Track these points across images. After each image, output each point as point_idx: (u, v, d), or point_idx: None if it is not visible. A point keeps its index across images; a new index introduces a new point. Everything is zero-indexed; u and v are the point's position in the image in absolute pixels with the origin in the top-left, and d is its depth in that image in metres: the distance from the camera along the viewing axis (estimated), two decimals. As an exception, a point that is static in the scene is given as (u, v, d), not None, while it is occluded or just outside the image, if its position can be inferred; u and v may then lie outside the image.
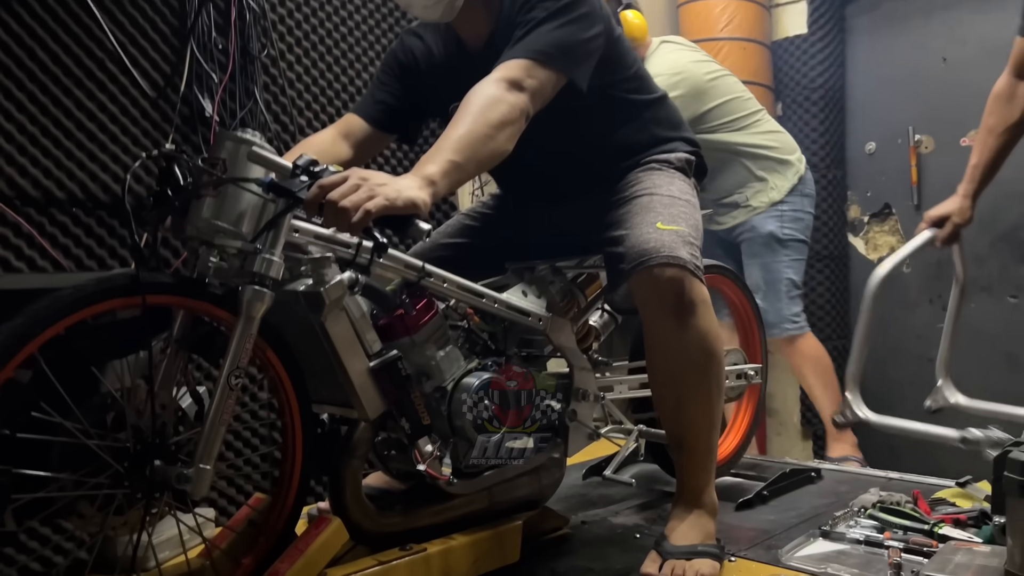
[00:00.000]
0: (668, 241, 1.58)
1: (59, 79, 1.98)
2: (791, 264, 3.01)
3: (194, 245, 1.37)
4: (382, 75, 1.85)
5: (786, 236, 2.98)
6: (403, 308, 1.53)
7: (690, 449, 1.68)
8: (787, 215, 2.98)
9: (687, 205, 1.72)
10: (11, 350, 1.11)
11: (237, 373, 1.28)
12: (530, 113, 1.52)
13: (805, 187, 3.03)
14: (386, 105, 1.82)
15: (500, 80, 1.50)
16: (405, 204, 1.26)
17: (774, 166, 3.00)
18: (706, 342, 1.61)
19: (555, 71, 1.56)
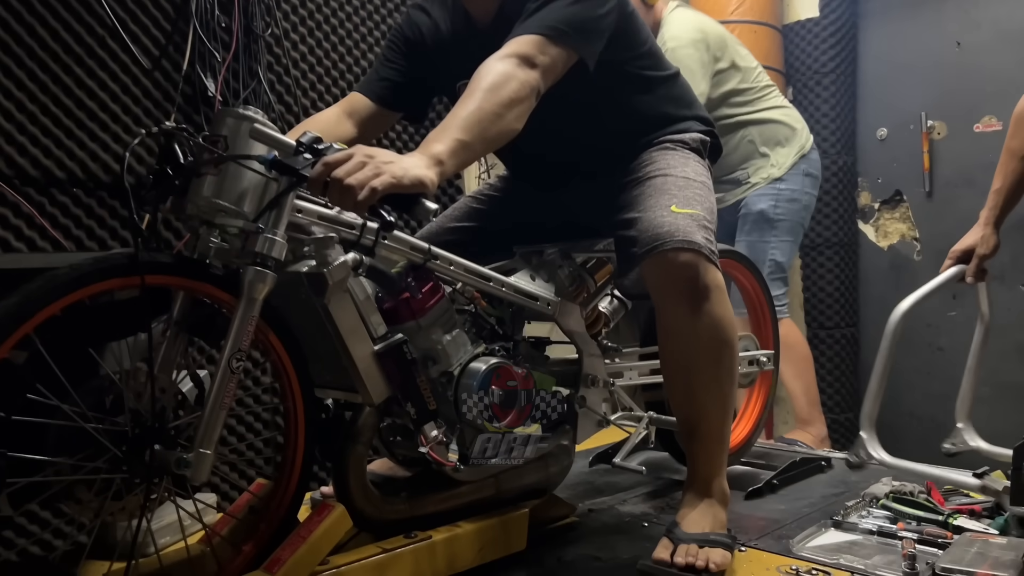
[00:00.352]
0: (683, 225, 1.54)
1: (59, 56, 1.95)
2: (779, 245, 2.93)
3: (195, 225, 1.34)
4: (388, 52, 1.81)
5: (778, 216, 2.91)
6: (409, 291, 1.50)
7: (702, 437, 1.65)
8: (783, 194, 2.91)
9: (702, 187, 1.68)
10: (6, 330, 1.08)
11: (239, 356, 1.25)
12: (541, 91, 1.48)
13: (809, 167, 2.95)
14: (391, 83, 1.78)
15: (510, 56, 1.45)
16: (412, 183, 1.22)
17: (778, 142, 2.92)
18: (720, 329, 1.58)
19: (567, 48, 1.52)
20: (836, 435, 3.53)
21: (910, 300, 1.94)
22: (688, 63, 2.71)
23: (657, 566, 1.49)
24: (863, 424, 1.91)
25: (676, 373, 1.65)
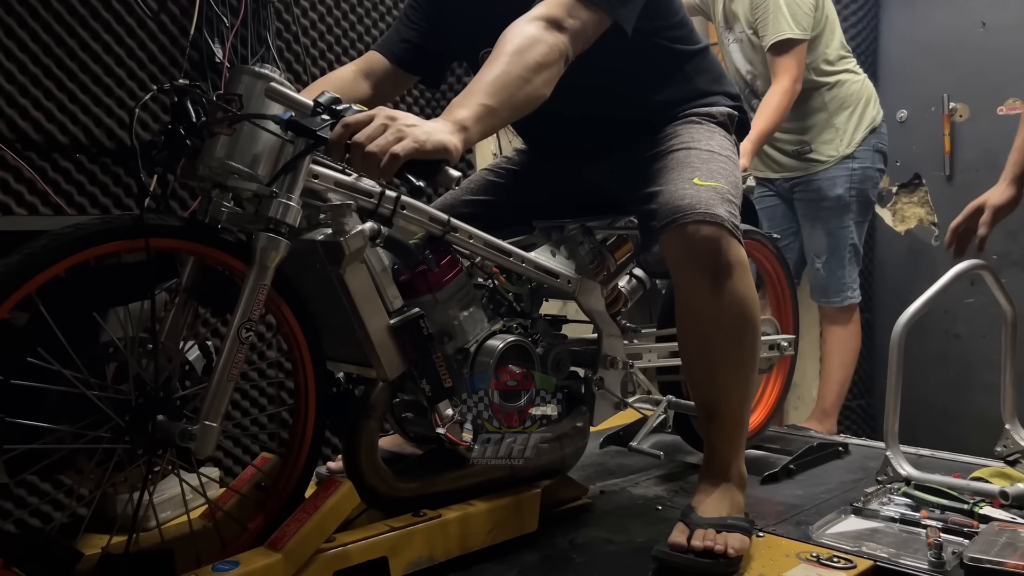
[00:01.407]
0: (705, 198, 1.47)
1: (63, 17, 1.89)
2: (856, 229, 2.82)
3: (206, 187, 1.28)
4: (409, 10, 1.75)
5: (853, 198, 2.78)
6: (426, 264, 1.44)
7: (721, 419, 1.60)
8: (856, 174, 2.77)
9: (727, 161, 1.62)
10: (6, 289, 1.03)
11: (248, 326, 1.20)
12: (570, 56, 1.41)
13: (879, 140, 2.81)
14: (411, 44, 1.72)
15: (538, 19, 1.38)
16: (435, 148, 1.16)
17: (850, 112, 2.77)
18: (743, 308, 1.52)
19: (599, 11, 1.44)
20: (849, 421, 3.50)
21: (913, 309, 1.86)
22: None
23: (674, 551, 1.44)
24: (888, 441, 1.85)
25: (695, 353, 1.59)
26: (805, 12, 2.60)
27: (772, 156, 2.88)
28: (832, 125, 2.77)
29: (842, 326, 2.91)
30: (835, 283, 2.85)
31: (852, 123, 2.77)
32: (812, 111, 2.77)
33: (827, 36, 2.74)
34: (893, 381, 1.85)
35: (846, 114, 2.77)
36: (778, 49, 2.60)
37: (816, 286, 2.92)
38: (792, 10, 2.58)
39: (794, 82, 2.59)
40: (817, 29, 2.70)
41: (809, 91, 2.75)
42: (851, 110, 2.77)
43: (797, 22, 2.58)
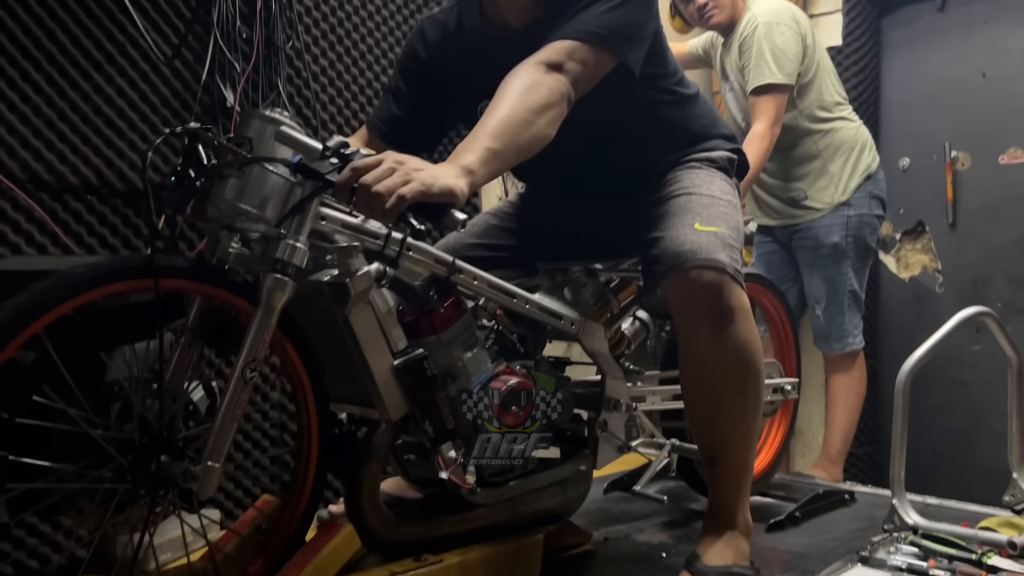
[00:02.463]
0: (706, 243, 1.49)
1: (78, 62, 1.93)
2: (854, 274, 2.82)
3: (215, 229, 1.30)
4: (399, 79, 1.73)
5: (850, 244, 2.78)
6: (431, 305, 1.45)
7: (724, 465, 1.59)
8: (852, 221, 2.78)
9: (728, 206, 1.63)
10: (15, 328, 1.04)
11: (253, 366, 1.21)
12: (572, 97, 1.43)
13: (875, 187, 2.82)
14: (401, 119, 1.71)
15: (538, 63, 1.40)
16: (441, 191, 1.18)
17: (844, 159, 2.78)
18: (745, 353, 1.52)
19: (604, 53, 1.46)
20: (856, 469, 3.46)
21: (917, 355, 1.85)
22: (783, 42, 2.63)
23: None
24: (894, 489, 1.83)
25: (699, 398, 1.59)
26: (790, 59, 2.64)
27: (769, 203, 2.91)
28: (827, 172, 2.79)
29: (846, 372, 2.90)
30: (835, 329, 2.85)
31: (847, 170, 2.79)
32: (807, 158, 2.80)
33: (819, 83, 2.77)
34: (898, 428, 1.84)
35: (840, 161, 2.79)
36: (758, 92, 2.65)
37: (818, 333, 2.91)
38: (776, 56, 2.63)
39: (771, 125, 2.62)
40: (807, 76, 2.74)
41: (803, 138, 2.78)
42: (845, 157, 2.79)
43: (780, 67, 2.63)
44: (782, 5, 2.77)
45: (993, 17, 3.31)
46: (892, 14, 3.61)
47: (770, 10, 2.69)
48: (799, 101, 2.75)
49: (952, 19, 3.43)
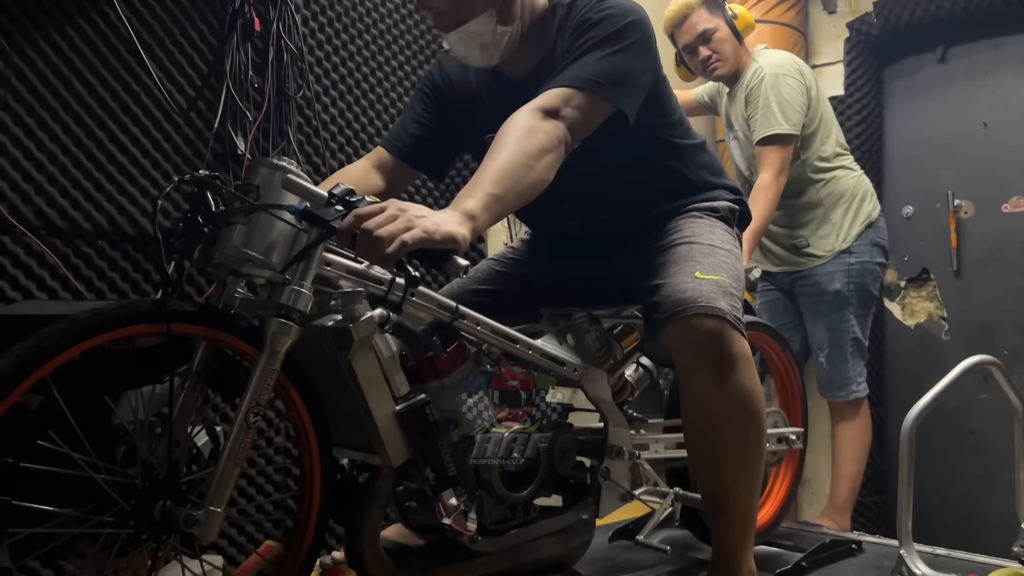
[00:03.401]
0: (707, 291, 1.50)
1: (94, 111, 1.97)
2: (857, 322, 2.82)
3: (221, 275, 1.32)
4: (416, 104, 1.80)
5: (851, 292, 2.79)
6: (434, 350, 1.46)
7: (728, 513, 1.58)
8: (854, 268, 2.78)
9: (728, 255, 1.65)
10: (21, 373, 1.05)
11: (256, 410, 1.21)
12: (569, 142, 1.46)
13: (876, 235, 2.83)
14: (417, 139, 1.77)
15: (536, 109, 1.44)
16: (443, 238, 1.20)
17: (846, 208, 2.80)
18: (747, 400, 1.52)
19: (599, 99, 1.49)
20: (864, 518, 3.41)
21: (922, 404, 1.84)
22: (789, 93, 2.67)
23: None
24: (902, 539, 1.81)
25: (701, 445, 1.59)
26: (796, 109, 2.68)
27: (772, 250, 2.92)
28: (828, 220, 2.81)
29: (850, 420, 2.88)
30: (839, 377, 2.84)
31: (848, 218, 2.81)
32: (808, 207, 2.82)
33: (822, 134, 2.81)
34: (905, 477, 1.83)
35: (842, 210, 2.81)
36: (764, 142, 2.68)
37: (821, 380, 2.91)
38: (783, 107, 2.67)
39: (777, 175, 2.65)
40: (812, 127, 2.77)
41: (806, 187, 2.81)
42: (847, 206, 2.81)
43: (787, 118, 2.66)
44: (787, 56, 2.82)
45: (994, 68, 3.36)
46: (893, 65, 3.67)
47: (776, 62, 2.74)
48: (802, 151, 2.78)
49: (953, 70, 3.48)
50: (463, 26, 1.55)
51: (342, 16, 2.47)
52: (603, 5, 1.57)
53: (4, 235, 1.82)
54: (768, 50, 2.85)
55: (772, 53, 2.82)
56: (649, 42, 1.57)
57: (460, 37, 1.57)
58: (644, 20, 1.57)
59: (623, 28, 1.52)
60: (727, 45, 2.75)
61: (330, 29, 2.44)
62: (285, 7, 2.27)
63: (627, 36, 1.52)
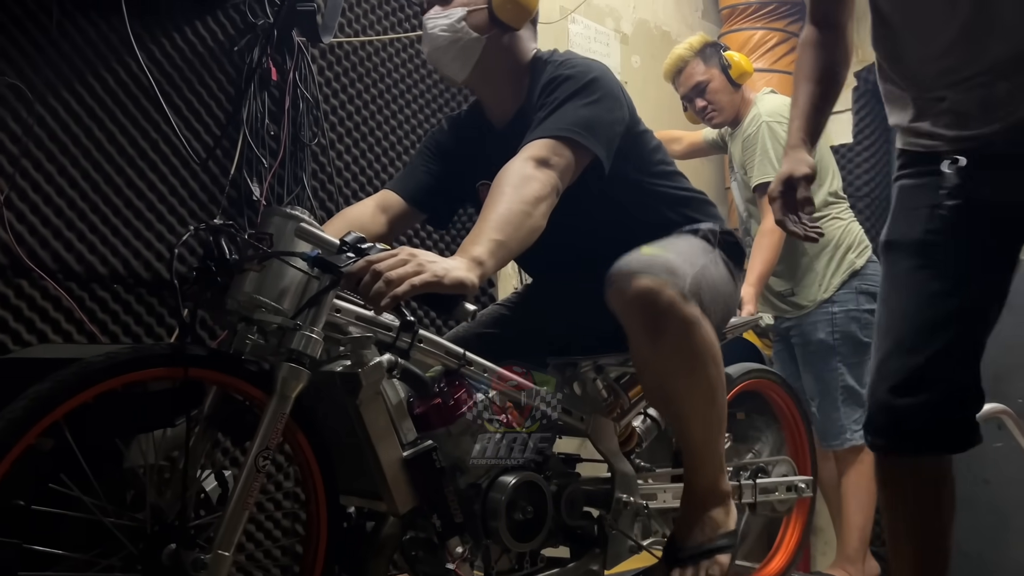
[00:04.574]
0: (645, 259, 1.56)
1: (112, 157, 2.01)
2: (847, 369, 2.79)
3: (233, 321, 1.34)
4: (421, 155, 1.89)
5: (837, 341, 2.78)
6: (441, 397, 1.47)
7: (692, 452, 1.65)
8: (838, 318, 2.78)
9: (687, 246, 1.69)
10: (35, 416, 1.06)
11: (266, 454, 1.22)
12: (560, 189, 1.53)
13: (863, 282, 2.79)
14: (423, 184, 1.84)
15: (528, 159, 1.52)
16: (452, 283, 1.24)
17: (828, 258, 2.79)
18: (689, 356, 1.55)
19: (579, 148, 1.57)
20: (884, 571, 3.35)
21: None
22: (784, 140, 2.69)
23: None
24: None
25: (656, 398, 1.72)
26: None
27: (766, 298, 2.93)
28: (812, 269, 2.81)
29: (852, 469, 2.84)
30: (831, 426, 2.81)
31: (831, 268, 2.80)
32: (796, 255, 2.83)
33: (815, 182, 2.82)
34: None
35: (825, 259, 2.80)
36: (762, 190, 2.69)
37: (817, 429, 2.87)
38: (778, 153, 2.68)
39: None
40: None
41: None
42: (830, 256, 2.80)
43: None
44: (785, 102, 2.83)
45: (1001, 118, 3.38)
46: (901, 114, 3.70)
47: (773, 109, 2.77)
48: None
49: (960, 119, 3.50)
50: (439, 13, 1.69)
51: (357, 66, 2.53)
52: (571, 62, 1.69)
53: (21, 279, 1.85)
54: (770, 95, 2.88)
55: (772, 99, 2.85)
56: (615, 94, 1.67)
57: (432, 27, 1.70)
58: (607, 74, 1.68)
59: (591, 82, 1.63)
60: (722, 96, 2.81)
61: (345, 79, 2.49)
62: (302, 57, 2.33)
63: (596, 90, 1.62)
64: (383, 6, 2.60)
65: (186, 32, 2.15)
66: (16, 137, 1.84)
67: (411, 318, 1.28)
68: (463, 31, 1.68)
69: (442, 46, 1.70)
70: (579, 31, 3.15)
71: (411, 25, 2.68)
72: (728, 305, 1.79)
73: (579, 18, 3.16)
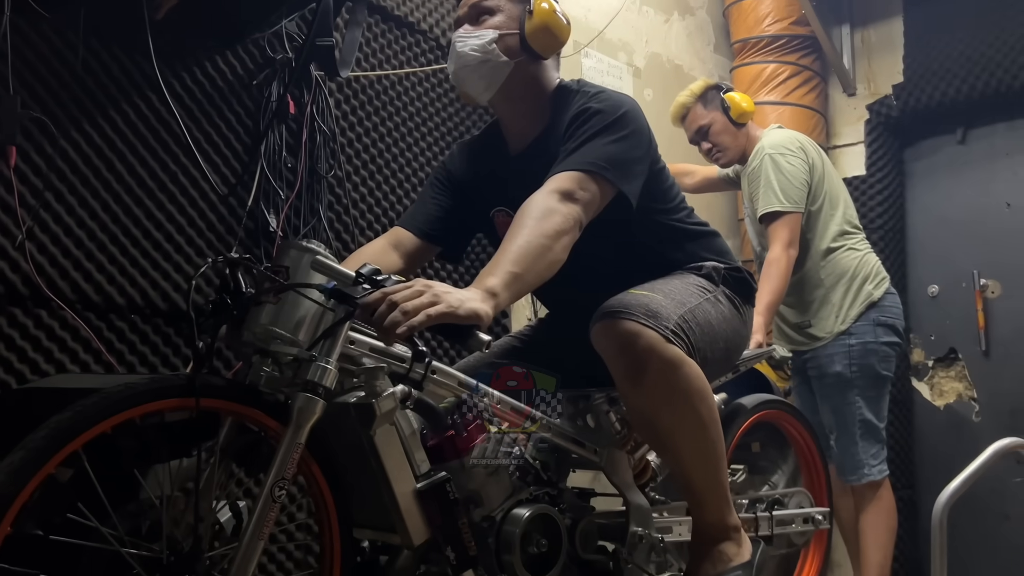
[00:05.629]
0: (629, 300, 1.56)
1: (132, 189, 2.03)
2: (865, 403, 2.77)
3: (248, 352, 1.35)
4: (431, 187, 1.90)
5: (855, 373, 2.76)
6: (454, 428, 1.47)
7: (694, 490, 1.63)
8: (855, 350, 2.76)
9: (681, 285, 1.69)
10: (56, 445, 1.07)
11: (281, 484, 1.23)
12: (583, 223, 1.53)
13: (881, 314, 2.80)
14: (433, 217, 1.85)
15: (553, 192, 1.52)
16: (467, 314, 1.25)
17: (845, 289, 2.79)
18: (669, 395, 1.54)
19: (606, 184, 1.58)
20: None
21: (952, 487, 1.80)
22: (789, 170, 2.71)
23: None
24: None
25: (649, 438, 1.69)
26: (796, 187, 2.72)
27: (781, 329, 2.92)
28: (829, 301, 2.81)
29: (870, 504, 2.80)
30: (849, 460, 2.78)
31: (848, 299, 2.79)
32: (811, 286, 2.83)
33: (827, 213, 2.83)
34: (938, 564, 1.79)
35: (841, 290, 2.80)
36: (767, 220, 2.73)
37: (835, 464, 2.85)
38: (782, 185, 2.71)
39: (785, 247, 2.68)
40: (815, 205, 2.80)
41: (809, 267, 2.82)
42: (847, 287, 2.80)
43: (787, 196, 2.70)
44: (790, 135, 2.87)
45: (1015, 149, 3.39)
46: (913, 146, 3.71)
47: (776, 141, 2.80)
48: (807, 231, 2.80)
49: (973, 151, 3.51)
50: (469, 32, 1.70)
51: (373, 99, 2.56)
52: (603, 96, 1.68)
53: (41, 308, 1.87)
54: (777, 130, 2.91)
55: (776, 133, 2.87)
56: (644, 131, 1.67)
57: (462, 46, 1.70)
58: (637, 111, 1.68)
59: (621, 117, 1.63)
60: (724, 137, 2.85)
61: (361, 112, 2.53)
62: (319, 91, 2.37)
63: (625, 126, 1.62)
64: (399, 41, 2.64)
65: (206, 67, 2.19)
66: (39, 170, 1.87)
67: (424, 349, 1.28)
68: (493, 53, 1.69)
69: (470, 65, 1.70)
70: (592, 65, 3.19)
71: (426, 60, 2.72)
72: (731, 341, 1.78)
73: (592, 52, 3.20)
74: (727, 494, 1.65)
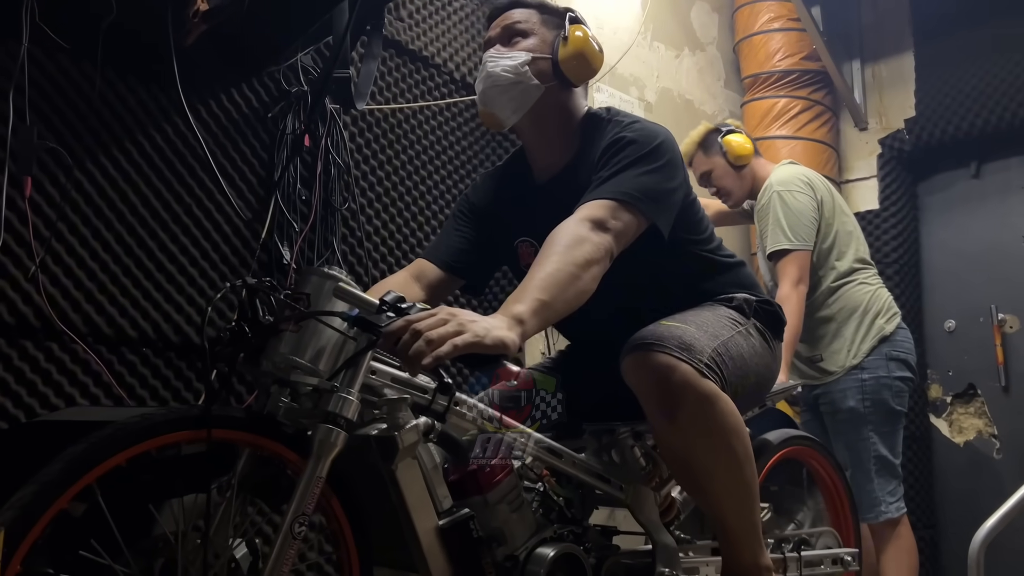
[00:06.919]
0: (662, 332, 1.52)
1: (146, 221, 2.02)
2: (879, 439, 2.71)
3: (266, 382, 1.31)
4: (454, 219, 1.86)
5: (868, 409, 2.70)
6: (477, 462, 1.43)
7: (727, 530, 1.59)
8: (868, 385, 2.71)
9: (713, 317, 1.65)
10: (70, 478, 1.04)
11: (302, 520, 1.18)
12: (614, 253, 1.49)
13: (893, 349, 2.75)
14: (457, 249, 1.81)
15: (584, 220, 1.48)
16: (493, 343, 1.21)
17: (857, 323, 2.76)
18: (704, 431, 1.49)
19: (639, 214, 1.54)
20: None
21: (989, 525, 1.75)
22: (796, 207, 2.70)
23: None
24: None
25: (681, 477, 1.63)
26: (805, 224, 2.70)
27: (793, 363, 2.88)
28: (840, 335, 2.77)
29: (890, 543, 2.72)
30: (866, 498, 2.70)
31: (860, 333, 2.76)
32: (822, 321, 2.80)
33: (839, 248, 2.80)
34: None
35: (853, 325, 2.76)
36: (775, 257, 2.72)
37: None
38: (790, 222, 2.70)
39: (794, 285, 2.66)
40: (826, 242, 2.78)
41: (820, 301, 2.79)
42: (858, 321, 2.76)
43: (795, 234, 2.69)
44: (798, 172, 2.85)
45: (1030, 183, 3.38)
46: (927, 180, 3.70)
47: (783, 178, 2.79)
48: (818, 266, 2.78)
49: (987, 185, 3.50)
50: (502, 52, 1.67)
51: (388, 132, 2.56)
52: (637, 125, 1.65)
53: (52, 342, 1.84)
54: (786, 166, 2.90)
55: (784, 169, 2.86)
56: (678, 162, 1.64)
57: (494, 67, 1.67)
58: (672, 142, 1.65)
59: (656, 148, 1.60)
60: (726, 180, 2.86)
61: (376, 145, 2.52)
62: (334, 123, 2.36)
63: (660, 156, 1.59)
64: (414, 75, 2.65)
65: (222, 99, 2.19)
66: (53, 201, 1.85)
67: (449, 380, 1.24)
68: (525, 76, 1.66)
69: (501, 85, 1.67)
70: (603, 99, 3.19)
71: (440, 93, 2.72)
72: (762, 375, 1.74)
73: (604, 87, 3.21)
74: (760, 534, 1.60)
